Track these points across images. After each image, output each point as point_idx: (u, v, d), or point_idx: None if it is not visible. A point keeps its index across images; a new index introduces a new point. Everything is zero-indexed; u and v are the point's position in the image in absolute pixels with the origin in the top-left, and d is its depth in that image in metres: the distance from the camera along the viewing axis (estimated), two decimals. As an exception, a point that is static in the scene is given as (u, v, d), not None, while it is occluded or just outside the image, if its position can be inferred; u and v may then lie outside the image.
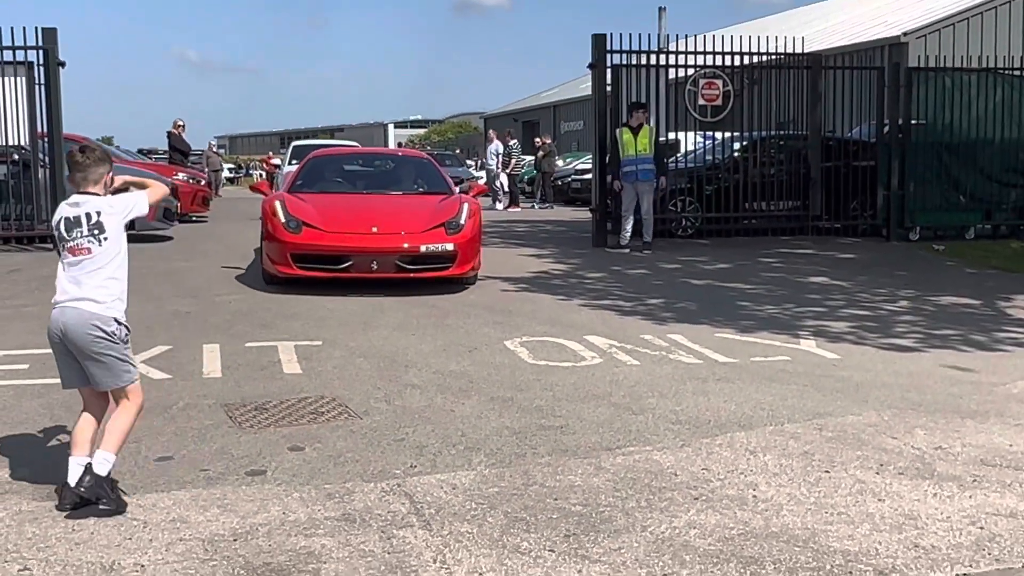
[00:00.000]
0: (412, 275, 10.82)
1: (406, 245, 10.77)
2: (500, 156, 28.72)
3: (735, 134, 17.52)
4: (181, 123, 25.32)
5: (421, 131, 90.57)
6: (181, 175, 21.23)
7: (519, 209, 27.29)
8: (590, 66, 16.91)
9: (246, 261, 13.27)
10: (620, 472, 5.24)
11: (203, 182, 23.18)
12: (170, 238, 16.72)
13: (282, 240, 10.73)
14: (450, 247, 10.83)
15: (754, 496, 4.92)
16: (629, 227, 15.63)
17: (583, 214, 21.07)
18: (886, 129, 17.31)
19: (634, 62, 16.86)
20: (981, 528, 4.54)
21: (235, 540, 4.33)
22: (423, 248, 10.75)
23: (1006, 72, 17.71)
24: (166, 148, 26.95)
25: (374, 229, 10.86)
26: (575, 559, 4.17)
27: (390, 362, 7.77)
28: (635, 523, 4.55)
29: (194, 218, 21.06)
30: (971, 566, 4.15)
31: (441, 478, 5.14)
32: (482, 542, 4.33)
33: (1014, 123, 17.45)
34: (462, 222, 11.10)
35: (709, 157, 17.60)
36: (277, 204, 11.15)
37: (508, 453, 5.58)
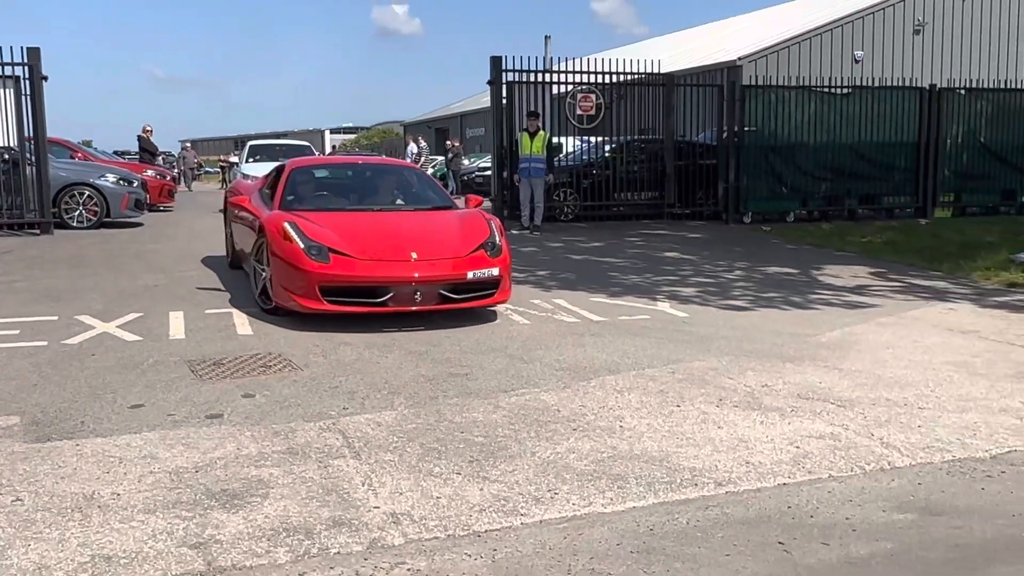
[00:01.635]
0: (458, 305, 7.78)
1: (455, 272, 7.75)
2: (414, 156, 28.69)
3: (606, 138, 17.64)
4: (149, 128, 24.60)
5: (352, 136, 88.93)
6: (150, 171, 20.74)
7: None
8: (489, 83, 16.86)
9: (206, 244, 12.96)
10: (514, 410, 5.26)
11: (168, 177, 22.55)
12: (140, 224, 16.34)
13: (305, 270, 7.52)
14: (496, 272, 7.92)
15: (620, 426, 4.97)
16: (527, 213, 15.78)
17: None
18: (725, 134, 17.63)
19: (525, 79, 16.87)
20: (797, 448, 4.66)
21: (197, 471, 4.24)
22: (470, 275, 7.78)
23: (818, 89, 18.15)
24: (137, 149, 26.25)
25: (413, 255, 7.70)
26: (477, 480, 4.17)
27: (325, 324, 7.66)
28: (526, 450, 4.57)
29: (161, 208, 20.60)
30: (789, 478, 4.26)
31: (368, 417, 5.09)
32: (402, 468, 4.31)
33: (824, 130, 17.92)
34: (498, 242, 8.17)
35: (585, 157, 17.69)
36: (287, 226, 7.86)
37: (423, 396, 5.55)
